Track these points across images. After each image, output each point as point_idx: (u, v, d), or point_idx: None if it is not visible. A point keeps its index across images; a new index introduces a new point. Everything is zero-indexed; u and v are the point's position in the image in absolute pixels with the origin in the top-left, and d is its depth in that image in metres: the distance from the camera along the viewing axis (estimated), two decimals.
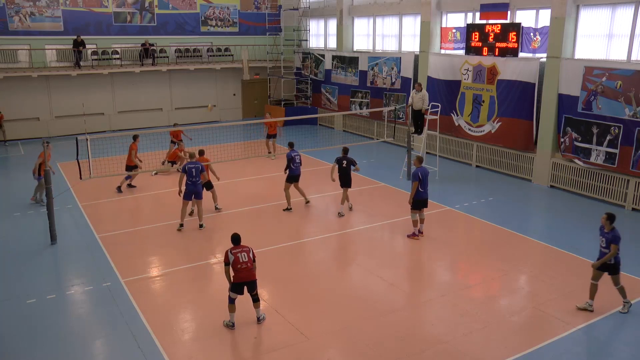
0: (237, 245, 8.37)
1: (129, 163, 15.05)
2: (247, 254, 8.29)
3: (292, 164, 13.39)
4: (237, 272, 8.28)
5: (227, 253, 8.30)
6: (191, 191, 12.20)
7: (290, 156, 13.42)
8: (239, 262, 8.24)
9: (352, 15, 24.01)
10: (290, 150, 13.60)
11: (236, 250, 8.29)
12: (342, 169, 13.23)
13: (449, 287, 9.79)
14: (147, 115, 25.26)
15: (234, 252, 8.27)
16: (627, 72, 13.38)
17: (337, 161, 13.29)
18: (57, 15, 23.15)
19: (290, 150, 13.63)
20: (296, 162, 13.45)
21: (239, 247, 8.35)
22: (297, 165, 13.50)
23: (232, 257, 8.24)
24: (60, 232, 11.95)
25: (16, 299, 9.31)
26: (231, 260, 8.24)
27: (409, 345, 7.89)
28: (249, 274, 8.31)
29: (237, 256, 8.25)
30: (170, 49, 25.83)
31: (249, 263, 8.28)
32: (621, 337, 8.14)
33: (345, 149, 13.52)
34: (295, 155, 13.48)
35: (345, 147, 13.68)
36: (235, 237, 8.44)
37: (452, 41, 18.60)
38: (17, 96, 22.49)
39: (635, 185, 13.62)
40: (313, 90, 26.50)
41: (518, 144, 16.50)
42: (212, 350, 7.88)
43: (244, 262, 8.25)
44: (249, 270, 8.30)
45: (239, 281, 8.29)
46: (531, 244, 11.76)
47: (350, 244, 11.97)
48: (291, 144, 13.86)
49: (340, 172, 13.24)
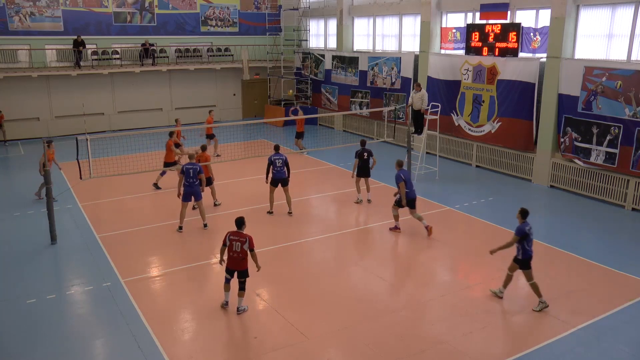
0: (237, 232, 8.63)
1: (168, 160, 15.15)
2: (242, 245, 8.53)
3: (273, 167, 13.03)
4: (229, 259, 8.65)
5: (226, 236, 8.65)
6: (189, 192, 12.15)
7: (271, 160, 13.05)
8: (231, 249, 8.58)
9: (352, 15, 24.02)
10: (273, 154, 13.21)
11: (234, 238, 8.58)
12: (362, 160, 13.80)
13: (449, 287, 9.79)
14: (147, 115, 25.27)
15: (231, 239, 8.60)
16: (627, 72, 13.38)
17: (358, 155, 13.75)
18: (57, 15, 23.16)
19: (274, 153, 13.22)
20: (277, 166, 12.96)
21: (238, 234, 8.60)
22: (279, 169, 12.98)
23: (227, 242, 8.61)
24: (60, 232, 11.95)
25: (16, 299, 9.31)
26: (227, 244, 8.61)
27: (409, 345, 7.89)
28: (239, 264, 8.62)
29: (232, 243, 8.57)
30: (170, 49, 25.84)
31: (241, 254, 8.55)
32: (621, 337, 8.14)
33: (363, 141, 14.10)
34: (276, 159, 13.00)
35: (363, 139, 14.28)
36: (238, 221, 8.70)
37: (452, 41, 18.60)
38: (17, 96, 22.49)
39: (635, 185, 13.62)
40: (313, 90, 26.52)
41: (518, 144, 16.50)
42: (212, 350, 7.88)
43: (235, 251, 8.56)
44: (239, 260, 8.60)
45: (228, 267, 8.70)
46: None
47: (350, 244, 11.96)
48: (276, 147, 13.43)
49: (361, 163, 13.81)
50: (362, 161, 13.82)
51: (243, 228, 8.67)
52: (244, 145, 20.90)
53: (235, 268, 8.65)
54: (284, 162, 13.08)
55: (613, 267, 10.41)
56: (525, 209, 9.00)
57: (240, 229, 8.65)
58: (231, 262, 8.65)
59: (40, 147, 12.34)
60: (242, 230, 8.65)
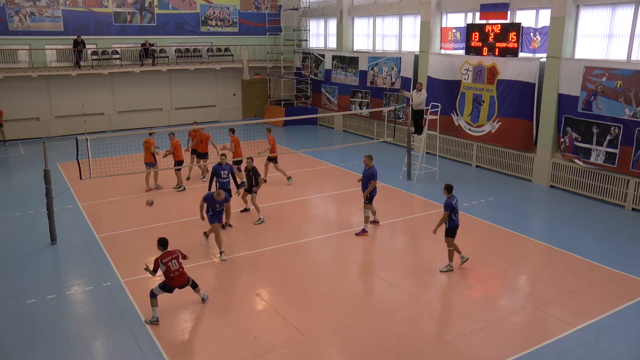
0: (167, 252, 8.38)
1: (203, 150, 16.04)
2: (177, 261, 8.41)
3: (218, 178, 12.46)
4: (171, 281, 8.41)
5: (156, 261, 8.30)
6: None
7: (215, 170, 12.48)
8: (171, 270, 8.35)
9: (352, 15, 24.01)
10: (217, 164, 12.58)
11: (166, 260, 8.32)
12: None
13: (449, 287, 9.79)
14: (147, 115, 25.27)
15: (164, 262, 8.31)
16: (627, 72, 13.37)
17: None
18: (57, 15, 23.16)
19: (217, 164, 12.59)
20: (222, 177, 12.44)
21: (168, 253, 8.37)
22: (223, 180, 12.45)
23: (163, 267, 8.30)
24: (60, 232, 11.95)
25: (16, 299, 9.31)
26: (162, 270, 8.31)
27: (409, 345, 7.89)
28: (182, 278, 8.53)
29: (169, 265, 8.32)
30: (170, 49, 25.83)
31: (180, 269, 8.43)
32: (621, 337, 8.14)
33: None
34: (222, 170, 12.45)
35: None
36: (162, 241, 8.43)
37: (452, 41, 18.60)
38: (17, 96, 22.49)
39: (635, 185, 13.61)
40: (313, 90, 26.51)
41: (518, 144, 16.50)
42: (212, 350, 7.88)
43: (176, 270, 8.39)
44: (182, 275, 8.50)
45: (173, 286, 8.49)
46: (531, 244, 11.76)
47: (350, 244, 11.95)
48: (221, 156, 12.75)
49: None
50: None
51: (167, 247, 8.46)
52: (243, 145, 20.84)
53: (182, 284, 8.56)
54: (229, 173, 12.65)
55: (613, 267, 10.41)
56: (450, 184, 10.22)
57: (166, 248, 8.44)
58: (176, 281, 8.46)
59: (41, 147, 12.33)
60: (168, 248, 8.47)
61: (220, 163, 12.60)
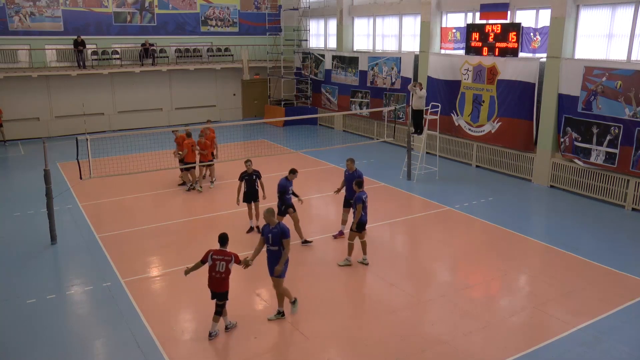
0: (221, 250, 7.97)
1: (189, 159, 15.25)
2: (226, 265, 7.91)
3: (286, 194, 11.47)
4: (210, 279, 8.04)
5: (208, 253, 7.98)
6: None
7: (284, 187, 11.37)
8: (214, 269, 7.94)
9: (352, 15, 24.02)
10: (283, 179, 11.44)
11: (217, 257, 7.91)
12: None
13: (449, 287, 9.79)
14: (147, 115, 25.27)
15: (214, 258, 7.93)
16: (627, 72, 13.38)
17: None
18: (57, 15, 23.16)
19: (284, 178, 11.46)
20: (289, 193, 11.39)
21: (222, 252, 7.96)
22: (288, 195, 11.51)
23: (210, 262, 7.95)
24: (60, 232, 11.95)
25: (16, 299, 9.31)
26: (209, 264, 7.95)
27: (409, 345, 7.89)
28: (220, 285, 8.00)
29: (216, 263, 7.93)
30: (170, 49, 25.83)
31: (224, 274, 7.94)
32: (621, 337, 8.14)
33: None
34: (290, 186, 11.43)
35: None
36: (222, 238, 8.02)
37: (452, 41, 18.60)
38: (17, 96, 22.50)
39: (635, 185, 13.62)
40: (313, 90, 26.51)
41: (518, 144, 16.50)
42: (212, 350, 7.88)
43: (219, 271, 7.92)
44: (222, 281, 7.98)
45: (210, 286, 8.08)
46: (531, 244, 11.76)
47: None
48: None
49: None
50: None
51: (227, 246, 8.04)
52: (244, 145, 20.91)
53: (216, 290, 8.01)
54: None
55: (613, 267, 10.41)
56: (360, 180, 10.28)
57: (224, 246, 8.00)
58: (213, 283, 7.98)
59: (41, 147, 12.32)
60: (225, 248, 8.02)
61: (288, 178, 11.32)
